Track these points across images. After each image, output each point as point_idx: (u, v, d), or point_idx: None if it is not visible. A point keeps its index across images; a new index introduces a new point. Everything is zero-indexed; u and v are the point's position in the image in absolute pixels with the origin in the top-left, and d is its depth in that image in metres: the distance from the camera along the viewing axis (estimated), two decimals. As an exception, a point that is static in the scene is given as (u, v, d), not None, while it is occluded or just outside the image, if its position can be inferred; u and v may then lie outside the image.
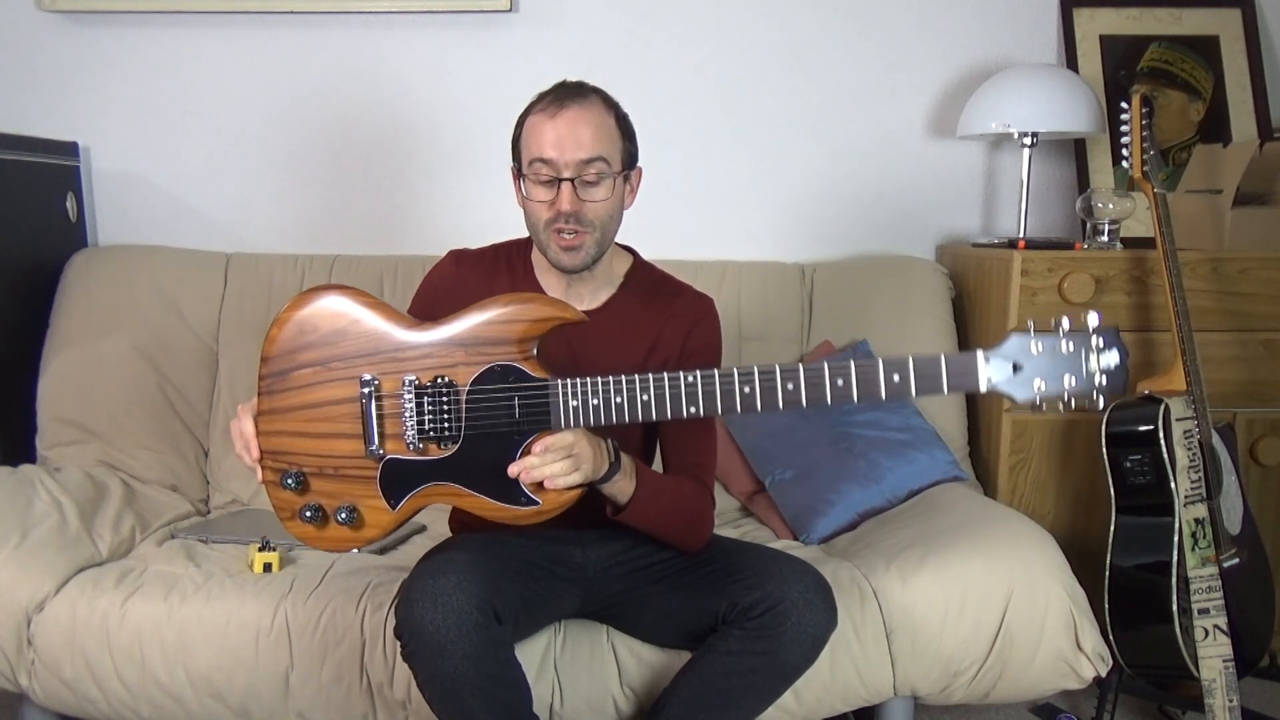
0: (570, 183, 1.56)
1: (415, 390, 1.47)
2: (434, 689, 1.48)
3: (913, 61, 2.62)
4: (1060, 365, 1.38)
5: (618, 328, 1.68)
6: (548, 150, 1.56)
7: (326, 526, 1.50)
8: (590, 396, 1.45)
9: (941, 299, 2.45)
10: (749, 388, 1.43)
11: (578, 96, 1.59)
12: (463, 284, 1.68)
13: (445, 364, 1.48)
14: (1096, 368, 1.37)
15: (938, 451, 2.24)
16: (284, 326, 1.50)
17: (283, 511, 1.51)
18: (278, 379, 1.50)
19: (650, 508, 1.60)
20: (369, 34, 2.59)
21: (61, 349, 2.34)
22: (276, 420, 1.50)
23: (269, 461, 1.50)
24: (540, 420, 1.47)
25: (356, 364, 1.49)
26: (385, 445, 1.48)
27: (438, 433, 1.47)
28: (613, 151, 1.60)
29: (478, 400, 1.47)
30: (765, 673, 1.56)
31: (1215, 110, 2.58)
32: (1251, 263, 2.21)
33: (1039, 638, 1.78)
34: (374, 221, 2.64)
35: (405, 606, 1.46)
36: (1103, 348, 1.37)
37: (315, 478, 1.49)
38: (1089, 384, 1.38)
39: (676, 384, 1.44)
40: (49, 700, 1.79)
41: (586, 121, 1.57)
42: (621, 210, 1.66)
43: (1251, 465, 2.24)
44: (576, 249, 1.59)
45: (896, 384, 1.37)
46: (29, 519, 1.90)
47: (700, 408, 1.44)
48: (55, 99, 2.59)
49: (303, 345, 1.50)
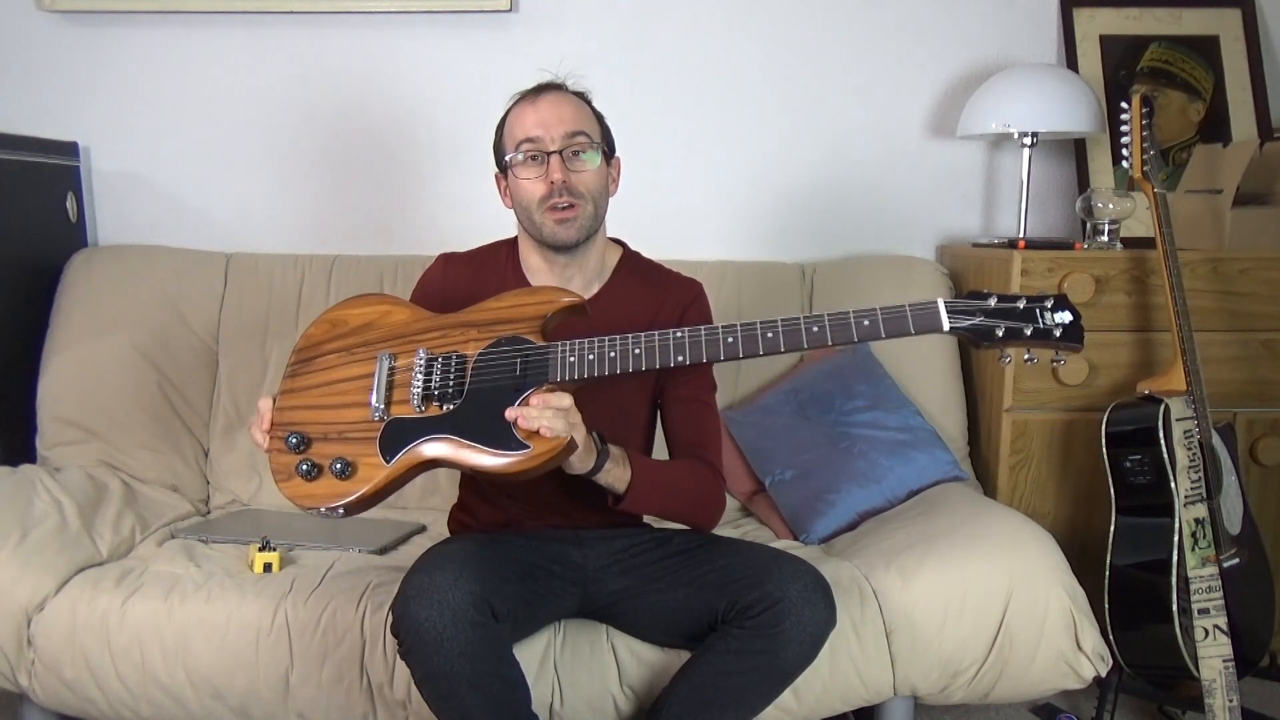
0: (559, 155, 1.63)
1: (426, 359, 1.54)
2: (430, 687, 1.48)
3: (913, 61, 2.62)
4: (1017, 318, 1.44)
5: (612, 316, 1.70)
6: (532, 130, 1.63)
7: (319, 479, 1.49)
8: (587, 352, 1.51)
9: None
10: (731, 337, 1.49)
11: (554, 88, 1.69)
12: (454, 285, 1.73)
13: (457, 340, 1.56)
14: (1052, 322, 1.43)
15: (938, 451, 2.24)
16: (319, 325, 1.63)
17: (279, 474, 1.52)
18: (303, 365, 1.60)
19: (651, 492, 1.62)
20: (369, 34, 2.59)
21: (61, 349, 2.34)
22: (294, 397, 1.57)
23: (277, 431, 1.54)
24: (539, 374, 1.51)
25: (377, 347, 1.58)
26: (391, 410, 1.52)
27: (441, 391, 1.51)
28: (593, 129, 1.68)
29: (483, 365, 1.53)
30: (764, 672, 1.56)
31: (1215, 110, 2.58)
32: (1251, 263, 2.21)
33: (1039, 638, 1.78)
34: (374, 221, 2.64)
35: (402, 604, 1.47)
36: (1054, 308, 1.44)
37: (319, 441, 1.52)
38: (1047, 333, 1.43)
39: (666, 338, 1.51)
40: (49, 700, 1.79)
41: (566, 103, 1.67)
42: (608, 193, 1.71)
43: (1251, 465, 2.24)
44: (572, 220, 1.64)
45: (866, 327, 1.45)
46: (29, 519, 1.90)
47: (687, 355, 1.49)
48: (55, 99, 2.59)
49: (332, 337, 1.61)
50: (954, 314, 1.45)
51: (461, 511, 1.83)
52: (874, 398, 2.28)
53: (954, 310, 1.45)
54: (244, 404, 2.39)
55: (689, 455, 1.72)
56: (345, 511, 1.48)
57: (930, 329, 1.46)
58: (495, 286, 1.70)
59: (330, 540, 2.06)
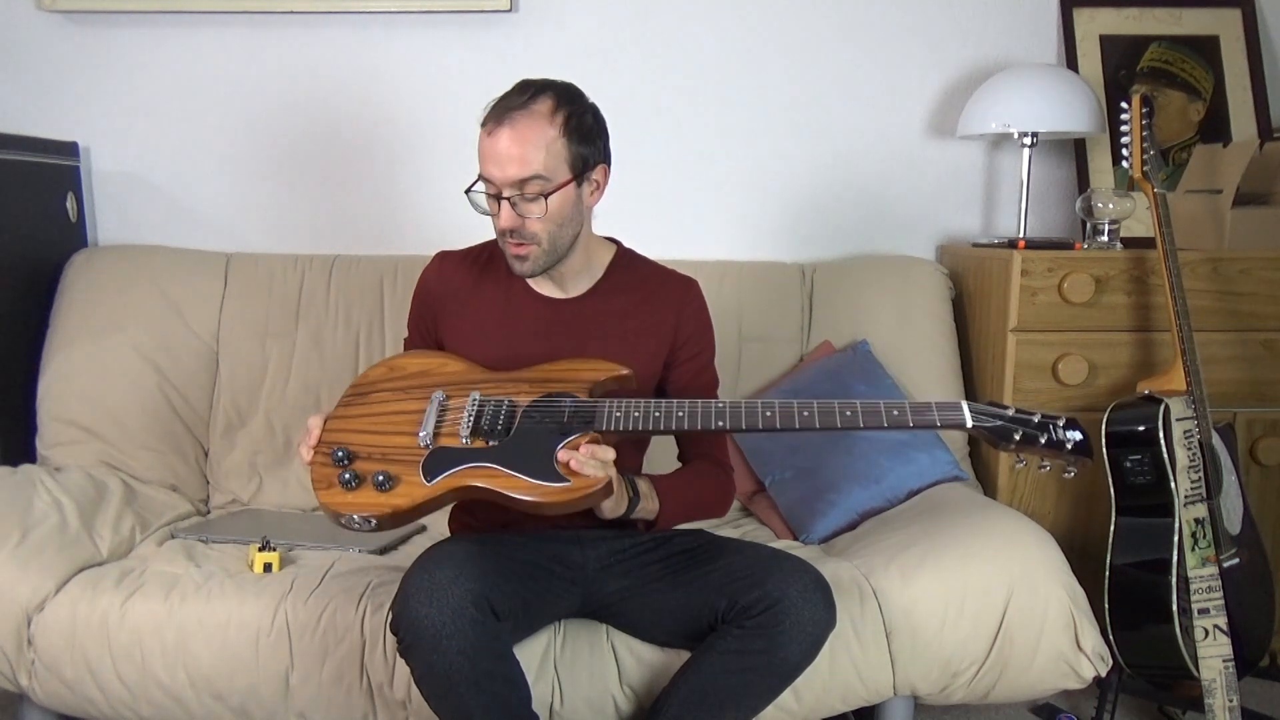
0: (508, 201, 1.62)
1: (480, 400, 1.60)
2: (430, 685, 1.48)
3: (913, 61, 2.62)
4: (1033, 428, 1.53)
5: (602, 315, 1.74)
6: (487, 168, 1.63)
7: (360, 489, 1.51)
8: (632, 409, 1.57)
9: (941, 299, 2.46)
10: (770, 411, 1.55)
11: (519, 109, 1.60)
12: (452, 284, 1.77)
13: (509, 391, 1.63)
14: (1064, 437, 1.53)
15: (938, 451, 2.24)
16: (378, 367, 1.71)
17: (319, 483, 1.53)
18: (358, 398, 1.66)
19: (677, 511, 1.71)
20: (369, 34, 2.59)
21: (61, 349, 2.34)
22: (345, 422, 1.61)
23: (323, 447, 1.57)
24: (586, 421, 1.56)
25: (432, 390, 1.64)
26: (439, 439, 1.55)
27: (490, 428, 1.56)
28: (554, 164, 1.60)
29: (533, 412, 1.58)
30: (764, 671, 1.56)
31: (1215, 110, 2.58)
32: (1251, 263, 2.21)
33: (1039, 638, 1.78)
34: (374, 221, 2.64)
35: (401, 601, 1.47)
36: (1065, 426, 1.53)
37: (363, 459, 1.55)
38: (1060, 445, 1.52)
39: (709, 406, 1.57)
40: (49, 700, 1.79)
41: (523, 139, 1.58)
42: (576, 215, 1.67)
43: (1251, 465, 2.24)
44: (524, 258, 1.67)
45: (896, 416, 1.53)
46: (29, 519, 1.90)
47: (727, 421, 1.56)
48: (55, 99, 2.59)
49: (389, 379, 1.68)
50: (977, 414, 1.53)
51: (462, 512, 1.83)
52: (874, 398, 2.28)
53: (977, 412, 1.53)
54: (244, 404, 2.39)
55: (698, 454, 1.79)
56: (378, 524, 1.49)
57: (954, 425, 1.53)
58: (493, 286, 1.74)
59: (330, 540, 2.06)
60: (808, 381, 2.34)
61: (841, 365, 2.35)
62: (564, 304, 1.75)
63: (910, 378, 2.36)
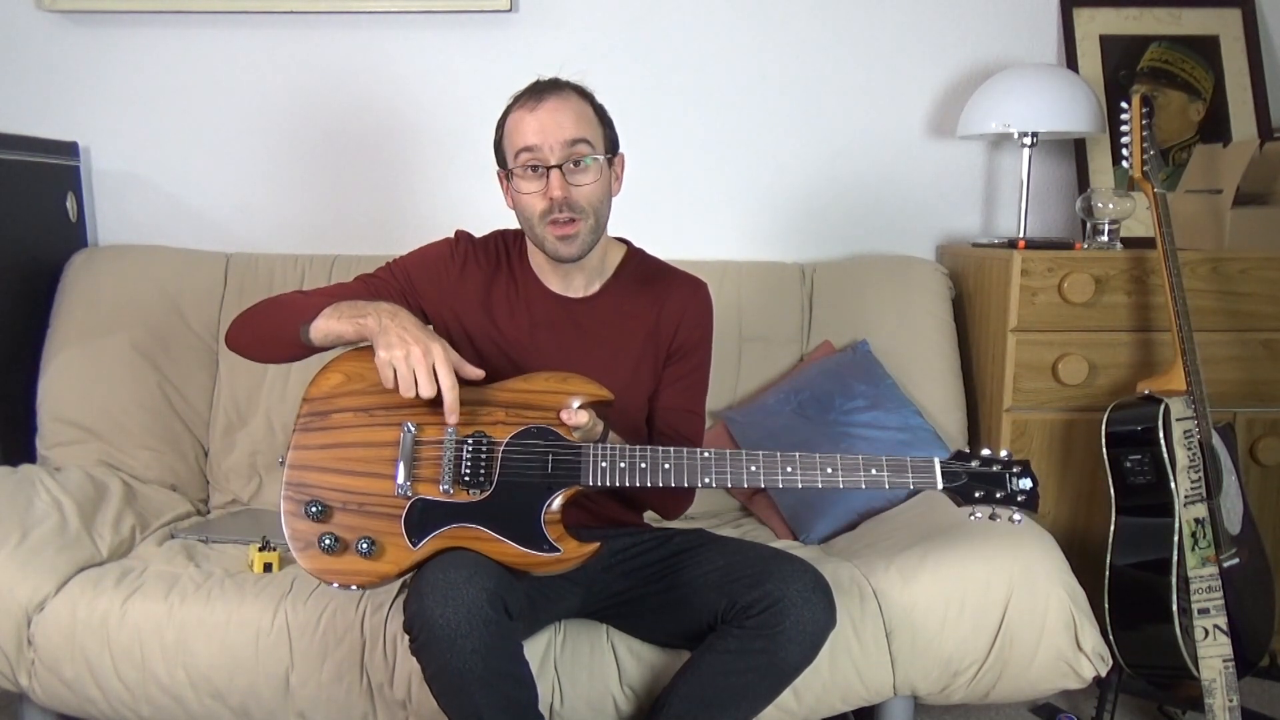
0: (558, 169, 1.60)
1: (456, 441, 1.52)
2: (442, 683, 1.48)
3: (913, 61, 2.62)
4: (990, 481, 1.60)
5: (612, 316, 1.72)
6: (531, 138, 1.60)
7: (343, 556, 1.49)
8: (618, 460, 1.53)
9: (941, 299, 2.45)
10: (755, 466, 1.57)
11: (553, 90, 1.64)
12: (463, 276, 1.74)
13: (485, 421, 1.55)
14: (1016, 488, 1.60)
15: (938, 451, 2.23)
16: (332, 374, 1.58)
17: (297, 542, 1.51)
18: (316, 419, 1.56)
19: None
20: (369, 34, 2.59)
21: (61, 349, 2.34)
22: (309, 455, 1.54)
23: (291, 492, 1.52)
24: (571, 475, 1.53)
25: (399, 414, 1.54)
26: (416, 487, 1.51)
27: (472, 479, 1.51)
28: (595, 135, 1.64)
29: (513, 454, 1.53)
30: (764, 671, 1.56)
31: (1215, 110, 2.58)
32: (1251, 263, 2.21)
33: (1039, 638, 1.78)
34: (374, 221, 2.64)
35: (415, 600, 1.46)
36: (1019, 474, 1.61)
37: (339, 511, 1.51)
38: (1011, 498, 1.59)
39: (694, 457, 1.55)
40: (49, 700, 1.79)
41: (566, 109, 1.62)
42: (610, 197, 1.69)
43: (1251, 465, 2.24)
44: (573, 237, 1.63)
45: (874, 475, 1.58)
46: (29, 519, 1.90)
47: (714, 478, 1.56)
48: (55, 99, 2.59)
49: (347, 392, 1.57)
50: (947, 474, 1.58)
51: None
52: (874, 398, 2.28)
53: (947, 471, 1.58)
54: (244, 404, 2.39)
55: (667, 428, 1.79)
56: (365, 590, 1.49)
57: (926, 485, 1.58)
58: (505, 285, 1.73)
59: (330, 540, 2.05)
60: (807, 381, 2.34)
61: (841, 365, 2.35)
62: (575, 303, 1.74)
63: (910, 378, 2.36)
